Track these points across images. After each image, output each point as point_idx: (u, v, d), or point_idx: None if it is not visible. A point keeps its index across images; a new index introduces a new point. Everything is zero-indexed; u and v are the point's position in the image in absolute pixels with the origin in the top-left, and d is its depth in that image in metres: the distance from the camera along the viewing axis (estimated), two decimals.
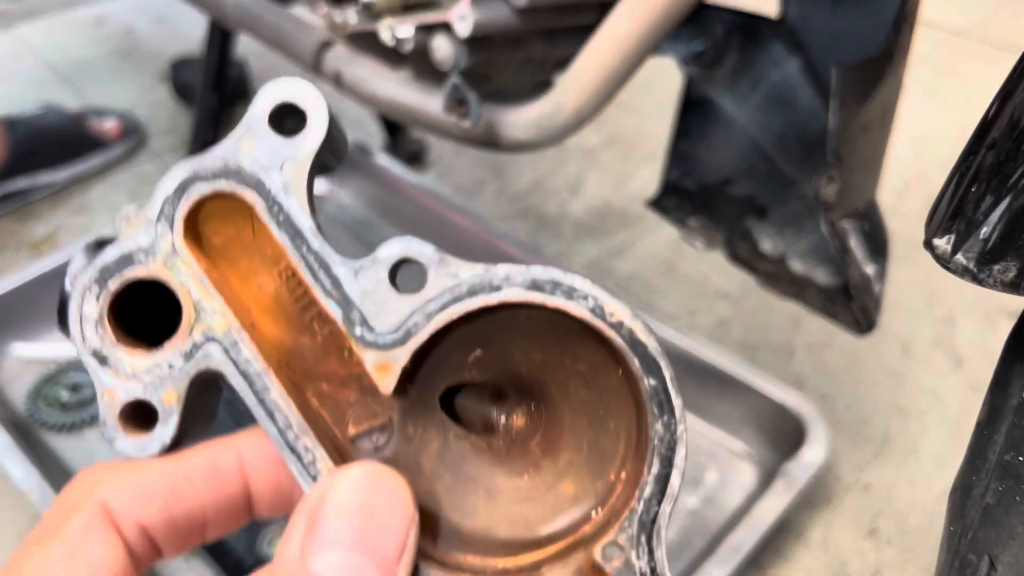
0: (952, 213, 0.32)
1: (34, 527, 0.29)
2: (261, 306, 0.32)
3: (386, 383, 0.30)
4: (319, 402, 0.31)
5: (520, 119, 0.90)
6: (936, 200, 0.34)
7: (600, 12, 0.87)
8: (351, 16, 0.99)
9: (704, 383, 1.15)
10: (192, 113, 1.64)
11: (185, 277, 0.31)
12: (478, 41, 0.86)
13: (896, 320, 1.37)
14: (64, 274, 0.32)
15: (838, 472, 1.15)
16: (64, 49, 2.15)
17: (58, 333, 1.20)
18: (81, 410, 1.16)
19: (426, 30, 0.90)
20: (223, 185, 0.31)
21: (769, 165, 0.93)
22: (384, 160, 1.56)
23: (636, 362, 0.29)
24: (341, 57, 1.04)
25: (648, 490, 0.29)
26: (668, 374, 0.29)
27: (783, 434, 1.10)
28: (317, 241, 0.31)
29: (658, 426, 0.29)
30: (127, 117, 1.78)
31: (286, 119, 0.32)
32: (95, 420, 1.15)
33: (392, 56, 0.99)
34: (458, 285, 0.30)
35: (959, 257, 0.31)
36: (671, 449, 0.29)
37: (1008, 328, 0.37)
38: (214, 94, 1.54)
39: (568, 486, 0.32)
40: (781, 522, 1.00)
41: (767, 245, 0.97)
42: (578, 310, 0.29)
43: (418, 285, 0.30)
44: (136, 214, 0.31)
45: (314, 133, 0.31)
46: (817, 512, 1.11)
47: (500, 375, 0.32)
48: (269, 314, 0.32)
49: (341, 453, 0.31)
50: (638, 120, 1.86)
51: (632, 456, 0.31)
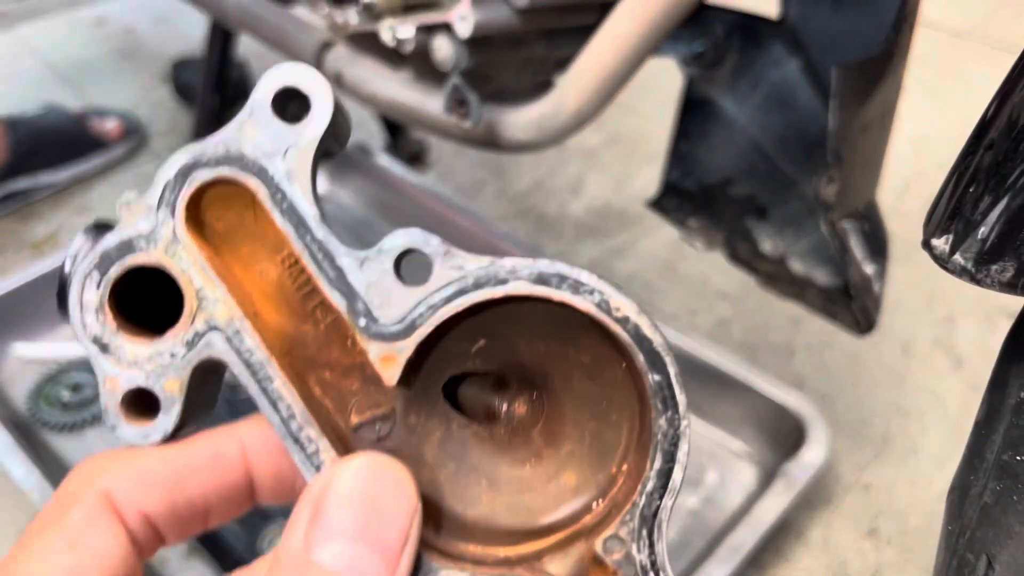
0: (950, 213, 0.32)
1: (37, 515, 0.29)
2: (263, 293, 0.31)
3: (390, 375, 0.30)
4: (321, 391, 0.31)
5: (521, 119, 0.90)
6: (934, 200, 0.34)
7: (600, 12, 0.87)
8: (352, 16, 0.99)
9: (704, 383, 1.15)
10: (193, 113, 1.64)
11: (187, 264, 0.30)
12: (479, 42, 0.86)
13: (896, 320, 1.37)
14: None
15: (838, 472, 1.15)
16: (65, 49, 2.16)
17: (59, 333, 1.20)
18: (82, 410, 1.16)
19: (427, 31, 0.90)
20: (225, 172, 0.30)
21: (769, 165, 0.93)
22: (385, 160, 1.56)
23: (641, 357, 0.29)
24: (342, 57, 1.04)
25: (650, 484, 0.29)
26: (673, 370, 0.29)
27: (783, 434, 1.10)
28: (321, 230, 0.30)
29: (662, 421, 0.29)
30: (128, 117, 1.78)
31: (289, 105, 0.31)
32: (96, 420, 1.16)
33: (393, 57, 0.99)
34: (464, 277, 0.29)
35: (957, 257, 0.31)
36: (674, 445, 0.29)
37: (1008, 328, 0.37)
38: (215, 94, 1.54)
39: (570, 477, 0.32)
40: (781, 522, 1.00)
41: (767, 245, 0.97)
42: (584, 304, 0.29)
43: (423, 276, 0.30)
44: (136, 200, 0.31)
45: (318, 119, 0.31)
46: (817, 512, 1.11)
47: (503, 365, 0.32)
48: (271, 302, 0.31)
49: (343, 442, 0.31)
50: (639, 120, 1.86)
51: (634, 449, 0.31)
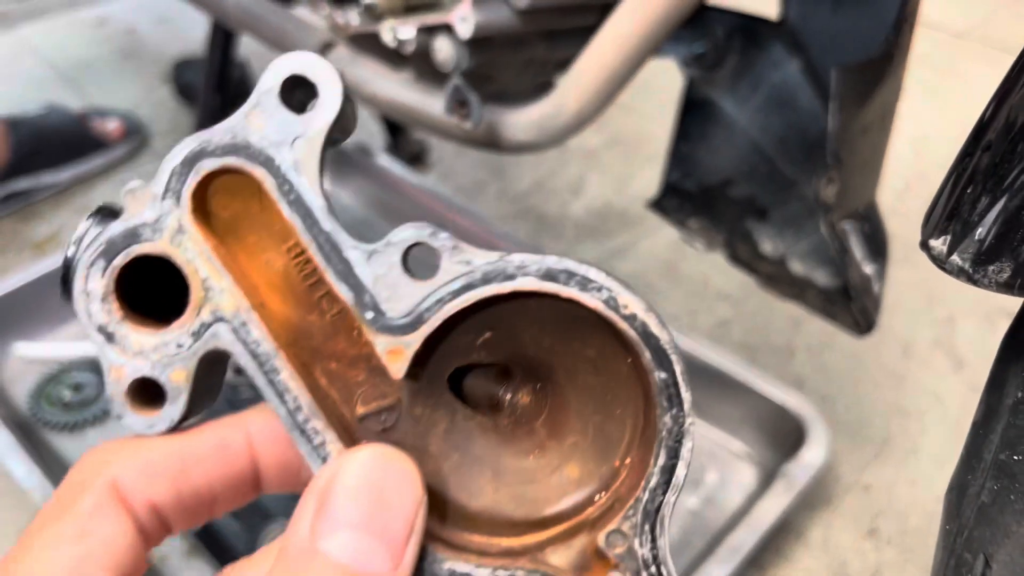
0: (948, 214, 0.32)
1: (44, 504, 0.30)
2: (269, 283, 0.31)
3: (397, 368, 0.30)
4: (327, 381, 0.31)
5: (521, 120, 0.90)
6: (932, 201, 0.34)
7: (601, 13, 0.87)
8: (353, 17, 1.00)
9: (705, 384, 1.15)
10: (194, 113, 1.64)
11: (192, 254, 0.30)
12: (479, 42, 0.86)
13: (896, 321, 1.37)
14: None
15: (838, 472, 1.15)
16: (66, 49, 2.16)
17: (61, 333, 1.20)
18: (83, 409, 1.16)
19: (428, 31, 0.90)
20: (231, 161, 0.30)
21: (769, 166, 0.94)
22: (385, 161, 1.57)
23: (648, 355, 0.29)
24: (343, 58, 1.04)
25: (654, 480, 0.30)
26: (679, 368, 0.29)
27: (783, 435, 1.10)
28: (329, 222, 0.30)
29: (666, 418, 0.29)
30: (129, 117, 1.78)
31: (295, 93, 0.31)
32: (97, 419, 1.16)
33: (394, 57, 1.00)
34: (472, 272, 0.29)
35: (955, 258, 0.31)
36: (678, 441, 0.29)
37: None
38: (216, 95, 1.54)
39: (573, 469, 0.32)
40: (781, 522, 1.00)
41: (767, 246, 0.97)
42: (592, 301, 0.29)
43: (430, 270, 0.30)
44: (141, 188, 0.30)
45: (327, 109, 0.30)
46: (817, 512, 1.11)
47: (508, 357, 0.32)
48: (277, 291, 0.31)
49: (349, 432, 0.31)
50: (639, 121, 1.86)
51: (637, 443, 0.31)
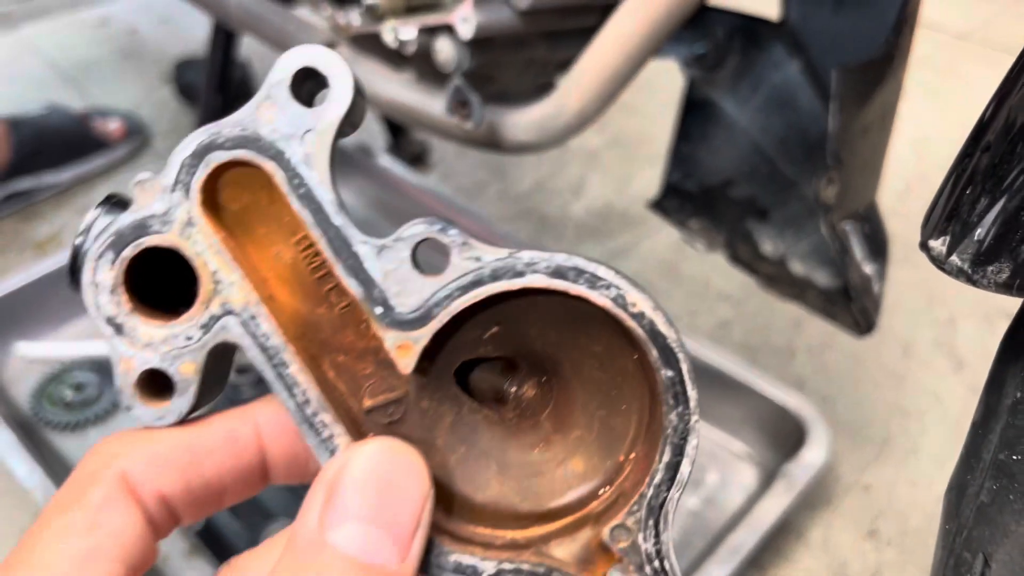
0: (947, 215, 0.32)
1: (54, 495, 0.30)
2: (278, 276, 0.31)
3: (406, 363, 0.30)
4: (335, 374, 0.31)
5: (522, 121, 0.91)
6: (932, 202, 0.34)
7: (602, 14, 0.87)
8: (354, 18, 1.00)
9: (705, 384, 1.14)
10: (195, 113, 1.64)
11: (202, 247, 0.30)
12: (481, 43, 0.86)
13: (897, 322, 1.37)
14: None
15: (838, 473, 1.15)
16: (68, 49, 2.16)
17: (63, 333, 1.20)
18: (85, 409, 1.17)
19: (429, 32, 0.90)
20: (242, 155, 0.30)
21: (770, 167, 0.94)
22: (387, 161, 1.57)
23: (655, 352, 0.29)
24: (344, 59, 1.04)
25: (659, 476, 0.30)
26: (686, 366, 0.29)
27: (784, 435, 1.10)
28: (339, 217, 0.30)
29: (672, 416, 0.29)
30: (131, 118, 1.78)
31: (304, 86, 0.31)
32: (99, 419, 1.16)
33: (395, 58, 1.00)
34: (481, 268, 0.29)
35: (954, 258, 0.31)
36: (683, 439, 0.30)
37: None
38: (218, 95, 1.54)
39: (577, 463, 0.32)
40: (781, 522, 1.00)
41: (768, 247, 0.97)
42: (601, 299, 0.29)
43: (439, 265, 0.30)
44: (150, 181, 0.30)
45: (339, 102, 0.30)
46: (817, 513, 1.11)
47: (515, 351, 0.32)
48: (286, 284, 0.31)
49: (356, 424, 0.31)
50: (640, 122, 1.87)
51: (642, 439, 0.31)
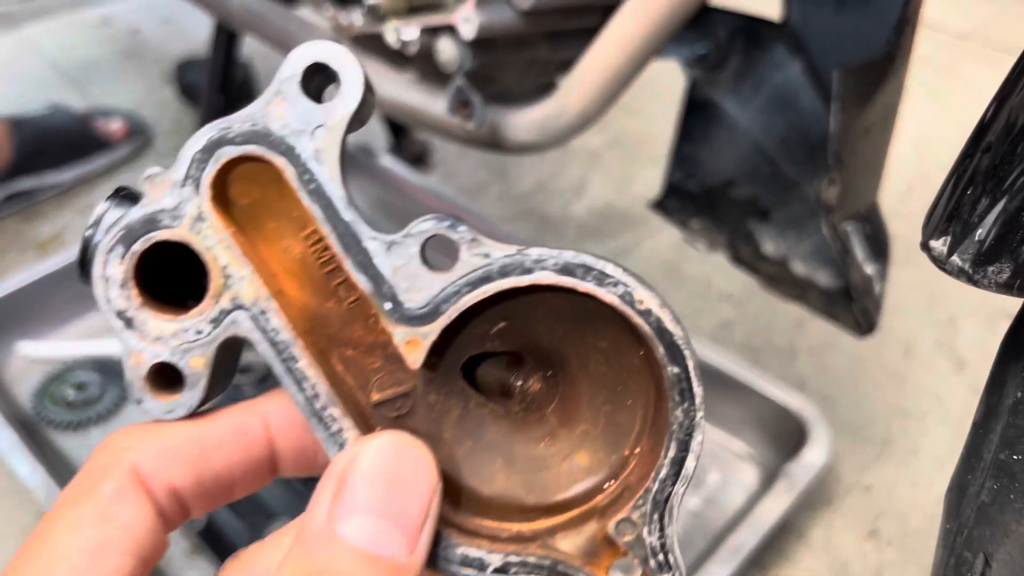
0: (948, 215, 0.32)
1: (65, 487, 0.30)
2: (287, 270, 0.31)
3: (414, 358, 0.30)
4: (344, 368, 0.31)
5: (524, 121, 0.91)
6: (933, 202, 0.34)
7: (604, 15, 0.88)
8: (356, 18, 1.00)
9: (707, 385, 1.14)
10: (197, 114, 1.64)
11: (212, 242, 0.30)
12: (482, 43, 0.86)
13: (898, 322, 1.37)
14: (73, 263, 0.30)
15: (839, 473, 1.15)
16: (70, 50, 2.16)
17: (64, 332, 1.20)
18: (87, 408, 1.17)
19: (431, 32, 0.91)
20: (252, 150, 0.30)
21: (771, 167, 0.94)
22: (388, 161, 1.57)
23: (661, 349, 0.29)
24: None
25: (664, 471, 0.30)
26: (692, 363, 0.30)
27: (785, 435, 1.10)
28: (349, 213, 0.30)
29: (678, 412, 0.30)
30: (133, 117, 1.79)
31: (312, 82, 0.31)
32: (101, 418, 1.16)
33: (397, 58, 1.00)
34: (490, 265, 0.29)
35: (955, 259, 0.32)
36: (688, 435, 0.30)
37: None
38: (219, 95, 1.54)
39: (583, 457, 0.32)
40: (782, 523, 1.00)
41: (769, 247, 0.97)
42: (609, 297, 0.29)
43: (448, 261, 0.30)
44: (160, 175, 0.30)
45: (349, 98, 0.30)
46: (818, 513, 1.11)
47: (521, 346, 0.33)
48: (295, 279, 0.31)
49: (364, 418, 0.31)
50: (641, 122, 1.87)
51: (647, 434, 0.31)
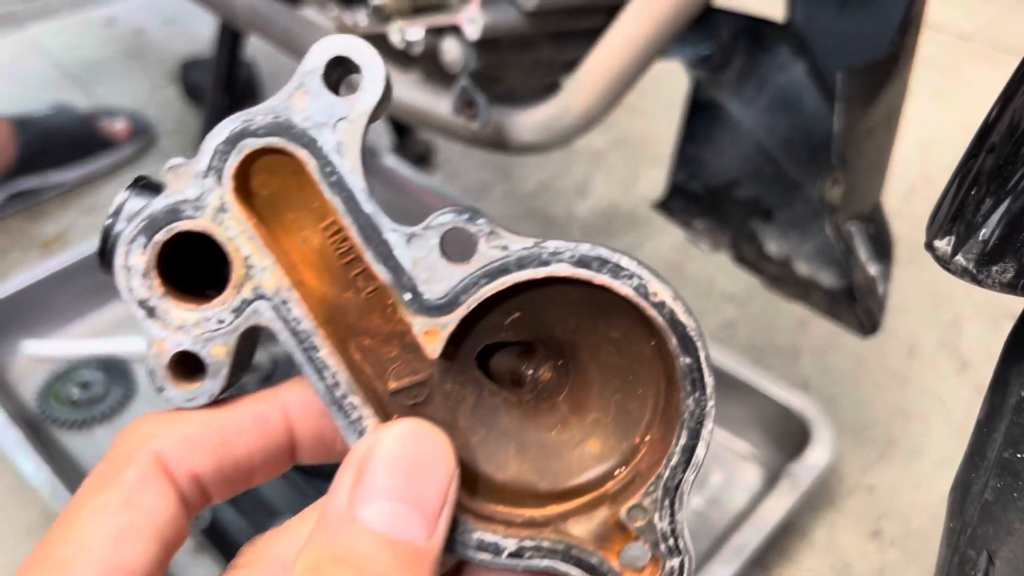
0: (952, 215, 0.33)
1: (89, 474, 0.31)
2: (306, 261, 0.32)
3: (432, 348, 0.31)
4: (361, 356, 0.32)
5: (528, 121, 0.91)
6: (937, 203, 0.34)
7: (608, 15, 0.88)
8: (361, 18, 1.00)
9: None
10: (201, 113, 1.65)
11: (234, 233, 0.31)
12: (487, 44, 0.87)
13: (901, 323, 1.37)
14: (76, 262, 0.31)
15: (842, 473, 1.16)
16: (74, 49, 2.17)
17: (69, 331, 1.21)
18: (91, 407, 1.17)
19: (436, 32, 0.91)
20: (275, 142, 0.31)
21: (775, 168, 0.94)
22: (392, 161, 1.57)
23: (674, 341, 0.30)
24: None
25: (675, 459, 0.31)
26: (703, 354, 0.30)
27: (788, 436, 1.10)
28: (370, 205, 0.31)
29: (689, 401, 0.30)
30: (137, 117, 1.79)
31: (333, 75, 0.31)
32: (105, 417, 1.17)
33: (402, 58, 1.00)
34: (507, 257, 0.30)
35: (959, 258, 0.32)
36: (699, 423, 0.31)
37: None
38: (224, 95, 1.55)
39: (594, 444, 0.33)
40: (785, 523, 1.00)
41: (772, 247, 0.97)
42: (623, 289, 0.30)
43: (466, 253, 0.31)
44: (183, 166, 0.31)
45: (371, 91, 0.31)
46: (821, 513, 1.11)
47: (535, 336, 0.34)
48: (314, 269, 0.32)
49: (381, 406, 0.32)
50: (645, 123, 1.87)
51: (658, 422, 0.32)
